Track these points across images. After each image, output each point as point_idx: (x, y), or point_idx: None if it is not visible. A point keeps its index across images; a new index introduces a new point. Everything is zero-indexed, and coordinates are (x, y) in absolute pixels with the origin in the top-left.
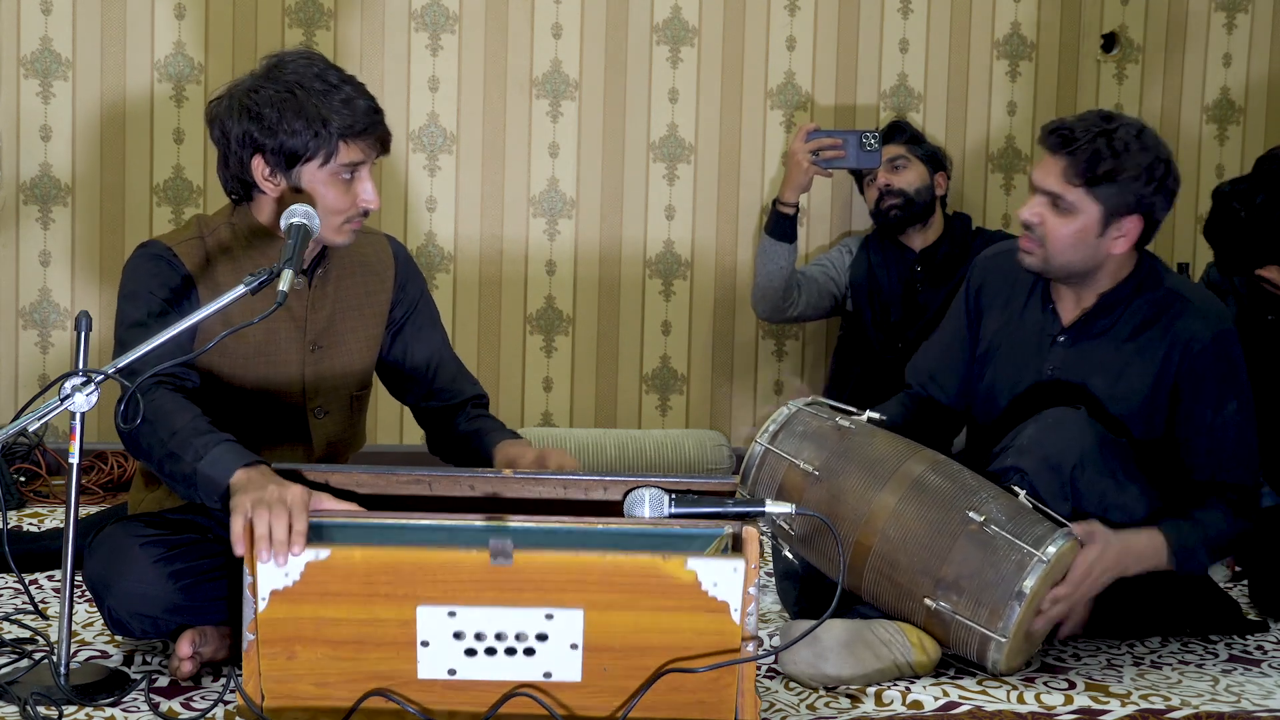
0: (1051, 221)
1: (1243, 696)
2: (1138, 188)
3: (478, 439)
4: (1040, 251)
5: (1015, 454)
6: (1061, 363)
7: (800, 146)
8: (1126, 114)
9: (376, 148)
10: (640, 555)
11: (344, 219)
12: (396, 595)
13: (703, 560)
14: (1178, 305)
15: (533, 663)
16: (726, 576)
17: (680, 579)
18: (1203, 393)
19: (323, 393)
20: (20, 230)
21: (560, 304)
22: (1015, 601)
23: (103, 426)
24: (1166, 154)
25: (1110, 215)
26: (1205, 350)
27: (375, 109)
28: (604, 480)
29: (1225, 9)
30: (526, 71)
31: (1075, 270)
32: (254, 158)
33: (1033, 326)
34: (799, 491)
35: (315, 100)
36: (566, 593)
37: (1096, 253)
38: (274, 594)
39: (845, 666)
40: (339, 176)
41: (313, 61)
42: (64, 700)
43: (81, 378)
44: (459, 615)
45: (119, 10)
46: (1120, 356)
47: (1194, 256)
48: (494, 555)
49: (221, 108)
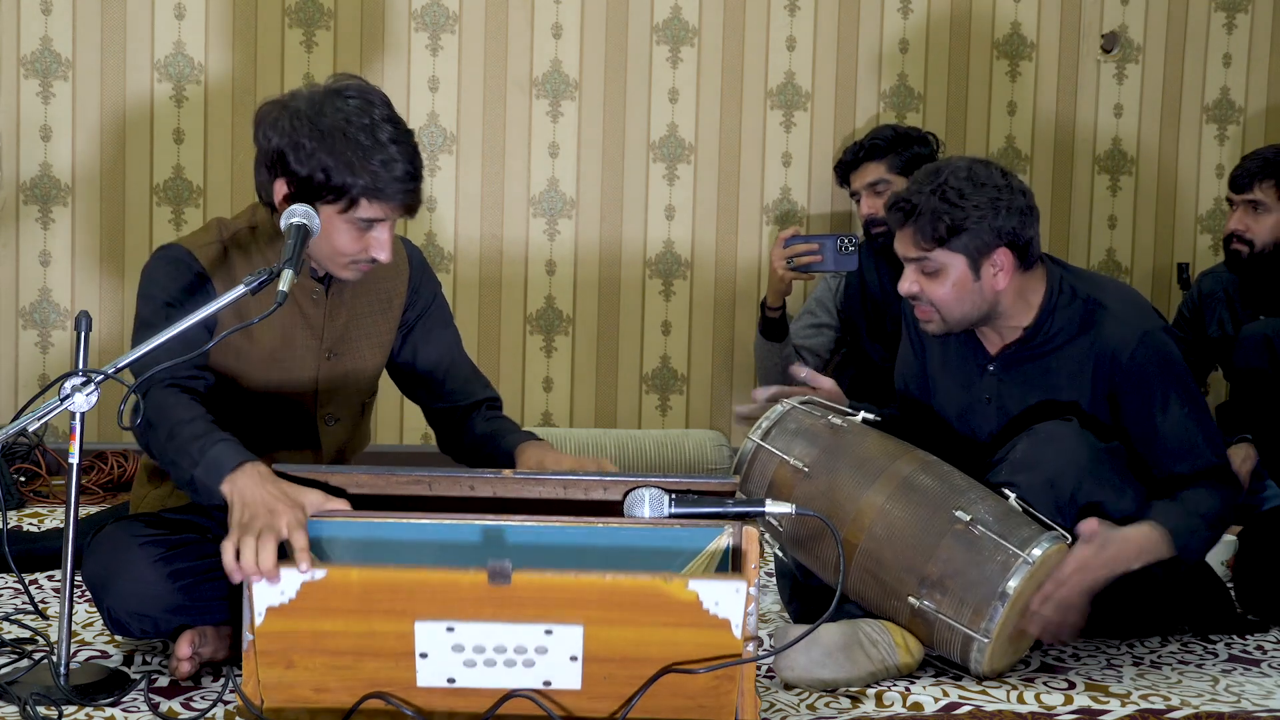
0: (929, 286)
1: (1243, 696)
2: (989, 223)
3: (496, 440)
4: (935, 315)
5: (1009, 469)
6: (996, 391)
7: (778, 253)
8: (952, 158)
9: (400, 211)
10: (640, 576)
11: (350, 260)
12: (395, 611)
13: (704, 582)
14: (1097, 314)
15: (532, 673)
16: (728, 597)
17: (681, 599)
18: (1143, 397)
19: (335, 400)
20: (20, 230)
21: (560, 304)
22: (999, 602)
23: (103, 426)
24: (1002, 179)
25: (975, 259)
26: (1133, 356)
27: (411, 175)
28: (604, 480)
29: (1225, 9)
30: (526, 71)
31: (976, 319)
32: (279, 179)
33: (964, 358)
34: (789, 488)
35: (352, 151)
36: (566, 610)
37: (983, 296)
38: (270, 610)
39: (841, 670)
40: (355, 225)
41: (371, 107)
42: (64, 700)
43: (81, 378)
44: (457, 630)
45: (119, 10)
46: (1050, 377)
47: (1194, 257)
48: (492, 576)
49: (270, 117)
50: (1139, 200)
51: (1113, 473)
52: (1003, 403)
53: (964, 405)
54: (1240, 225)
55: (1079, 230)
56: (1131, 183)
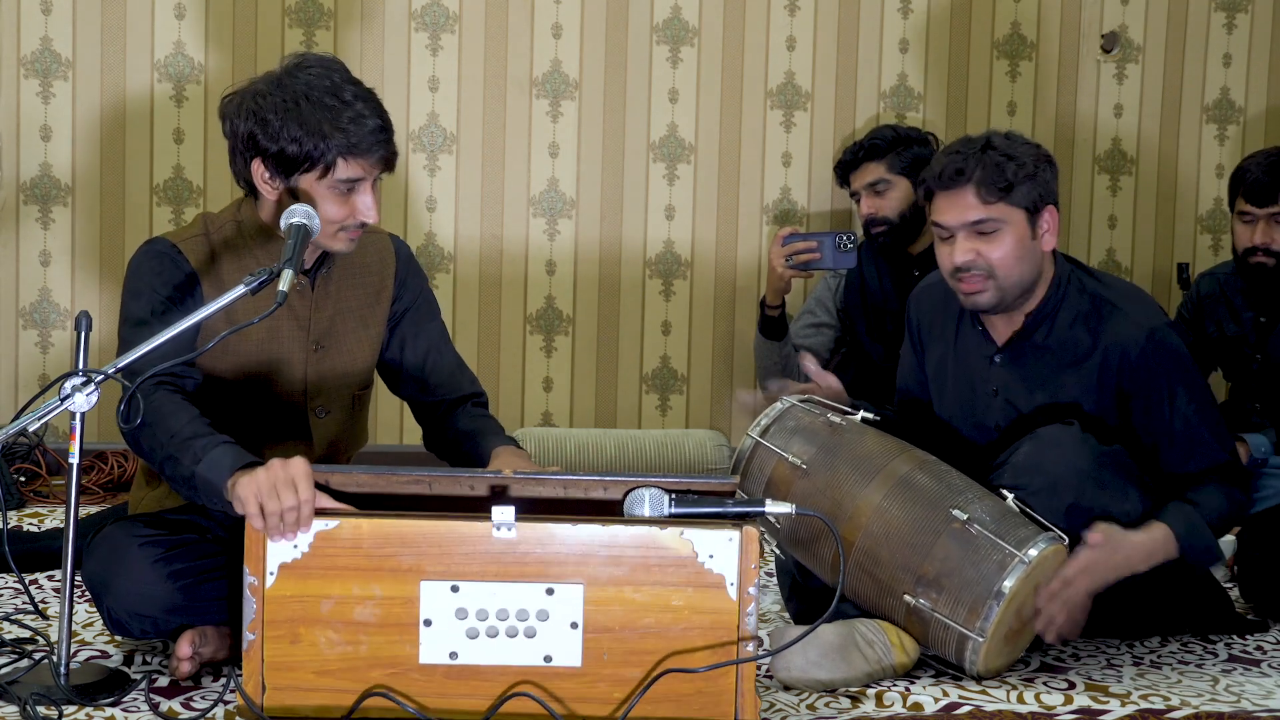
0: (986, 248)
1: (1243, 696)
2: (1041, 176)
3: (473, 440)
4: (989, 284)
5: (1012, 473)
6: (1003, 382)
7: (777, 251)
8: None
9: (379, 166)
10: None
11: (339, 228)
12: (401, 569)
13: (699, 531)
14: (1105, 310)
15: (533, 645)
16: (722, 547)
17: (677, 550)
18: (1152, 394)
19: (324, 392)
20: (20, 230)
21: (560, 304)
22: (994, 601)
23: (103, 426)
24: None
25: (1033, 214)
26: (1142, 353)
27: (382, 128)
28: (604, 480)
29: (1225, 9)
30: (526, 71)
31: (1027, 285)
32: (254, 160)
33: (970, 349)
34: (786, 485)
35: (320, 114)
36: (567, 565)
37: (1036, 259)
38: (282, 568)
39: (838, 670)
40: (336, 189)
41: (329, 72)
42: (64, 700)
43: (81, 378)
44: (462, 590)
45: (119, 10)
46: (1056, 371)
47: (1194, 257)
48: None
49: (232, 106)
50: (1139, 200)
51: (1115, 476)
52: (1009, 395)
53: (968, 400)
54: (1264, 239)
55: (1079, 230)
56: (1131, 183)
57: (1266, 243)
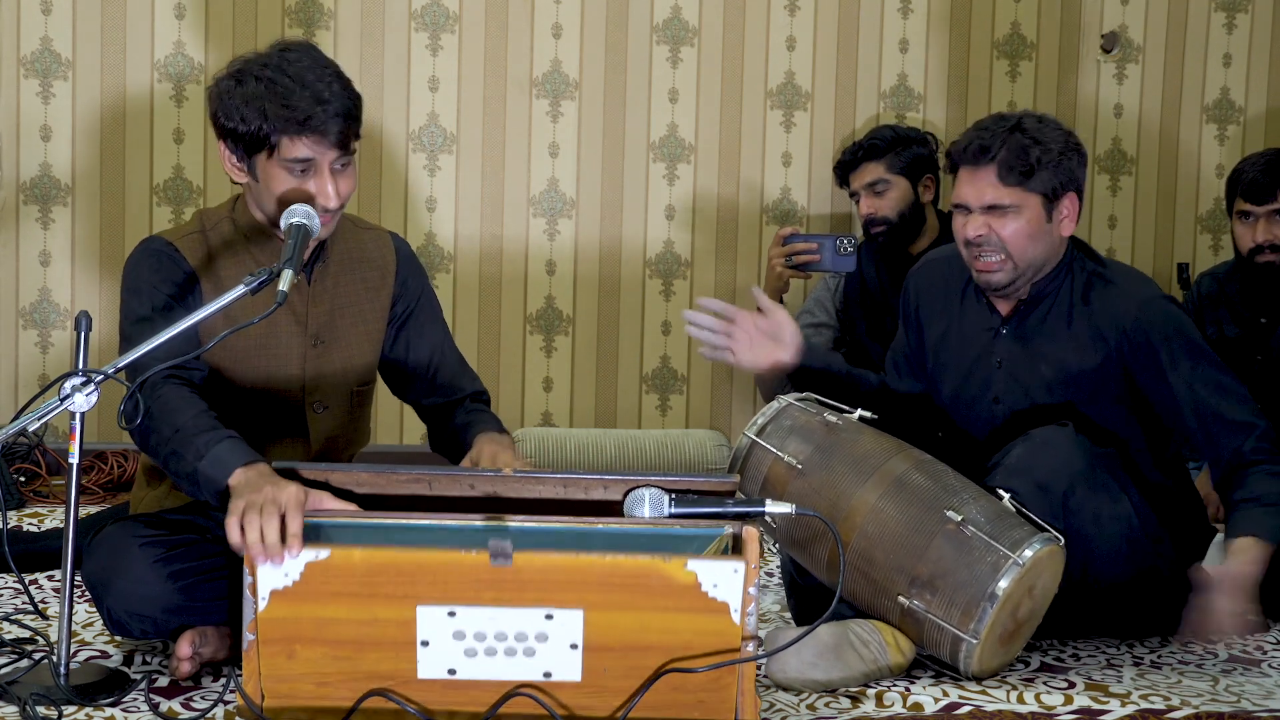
0: (1000, 225)
1: (1243, 696)
2: (1065, 163)
3: (464, 432)
4: (1006, 264)
5: (1004, 474)
6: (1008, 354)
7: (777, 250)
8: None
9: (333, 147)
10: (640, 557)
11: None
12: (396, 595)
13: (703, 562)
14: (1099, 285)
15: (532, 663)
16: (727, 578)
17: (680, 580)
18: (1156, 364)
19: (322, 388)
20: (20, 230)
21: (560, 304)
22: (988, 603)
23: (103, 426)
24: (1063, 128)
25: (1050, 200)
26: (1136, 322)
27: (319, 100)
28: (604, 480)
29: (1225, 9)
30: (526, 71)
31: (1040, 265)
32: (220, 144)
33: (975, 322)
34: (782, 485)
35: (264, 92)
36: (566, 593)
37: (1051, 239)
38: (274, 594)
39: (833, 671)
40: (290, 170)
41: (295, 55)
42: (64, 700)
43: (81, 378)
44: (459, 615)
45: (119, 10)
46: (1058, 344)
47: (1194, 257)
48: (494, 556)
49: (211, 94)
50: (1139, 200)
51: (1108, 478)
52: (1012, 367)
53: (971, 372)
54: (1267, 236)
55: (1079, 230)
56: (1131, 183)
57: (1269, 240)
